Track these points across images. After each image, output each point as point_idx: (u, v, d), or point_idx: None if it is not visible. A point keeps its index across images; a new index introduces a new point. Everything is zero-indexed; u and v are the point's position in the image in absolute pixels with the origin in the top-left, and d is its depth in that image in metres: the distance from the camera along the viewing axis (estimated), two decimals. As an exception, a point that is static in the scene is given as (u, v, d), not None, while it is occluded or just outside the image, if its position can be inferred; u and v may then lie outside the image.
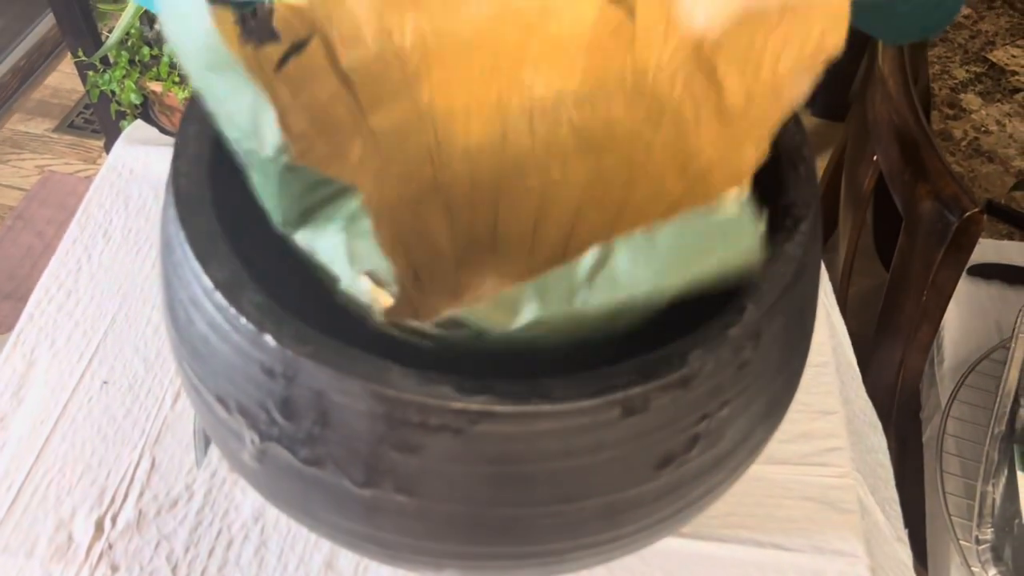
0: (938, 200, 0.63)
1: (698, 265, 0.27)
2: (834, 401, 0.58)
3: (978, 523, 0.60)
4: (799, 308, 0.36)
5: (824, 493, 0.54)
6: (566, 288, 0.28)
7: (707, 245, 0.27)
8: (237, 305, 0.31)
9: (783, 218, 0.35)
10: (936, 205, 0.63)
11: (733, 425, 0.34)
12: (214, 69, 0.29)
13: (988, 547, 0.59)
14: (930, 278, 0.67)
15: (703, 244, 0.27)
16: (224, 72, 0.29)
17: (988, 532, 0.59)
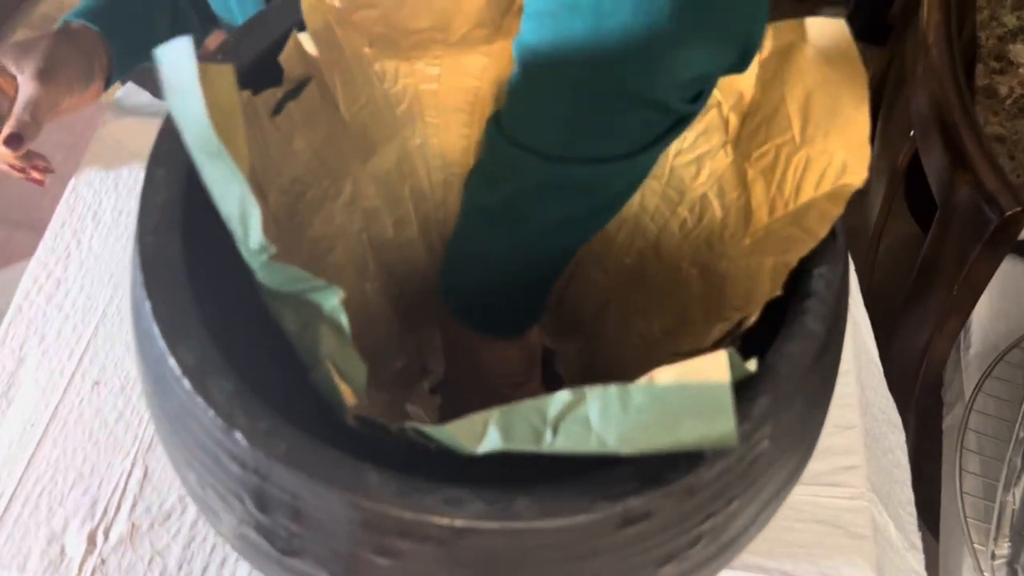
0: (977, 193, 0.59)
1: (668, 436, 0.25)
2: (853, 414, 0.56)
3: (995, 536, 0.58)
4: (821, 380, 0.33)
5: (837, 516, 0.52)
6: (532, 428, 0.26)
7: (680, 417, 0.25)
8: (205, 394, 0.28)
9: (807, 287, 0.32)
10: (975, 199, 0.59)
11: (741, 515, 0.31)
12: (207, 155, 0.27)
13: (1004, 563, 0.57)
14: (963, 273, 0.63)
15: (676, 415, 0.25)
16: (216, 161, 0.27)
17: (1005, 546, 0.58)
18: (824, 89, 0.33)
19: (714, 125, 0.39)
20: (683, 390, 0.26)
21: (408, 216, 0.46)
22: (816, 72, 0.33)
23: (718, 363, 0.27)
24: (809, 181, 0.34)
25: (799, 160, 0.34)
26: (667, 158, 0.42)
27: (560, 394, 0.27)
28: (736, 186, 0.38)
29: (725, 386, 0.25)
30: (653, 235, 0.44)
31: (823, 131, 0.33)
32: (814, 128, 0.33)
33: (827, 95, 0.32)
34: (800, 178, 0.34)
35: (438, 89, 0.43)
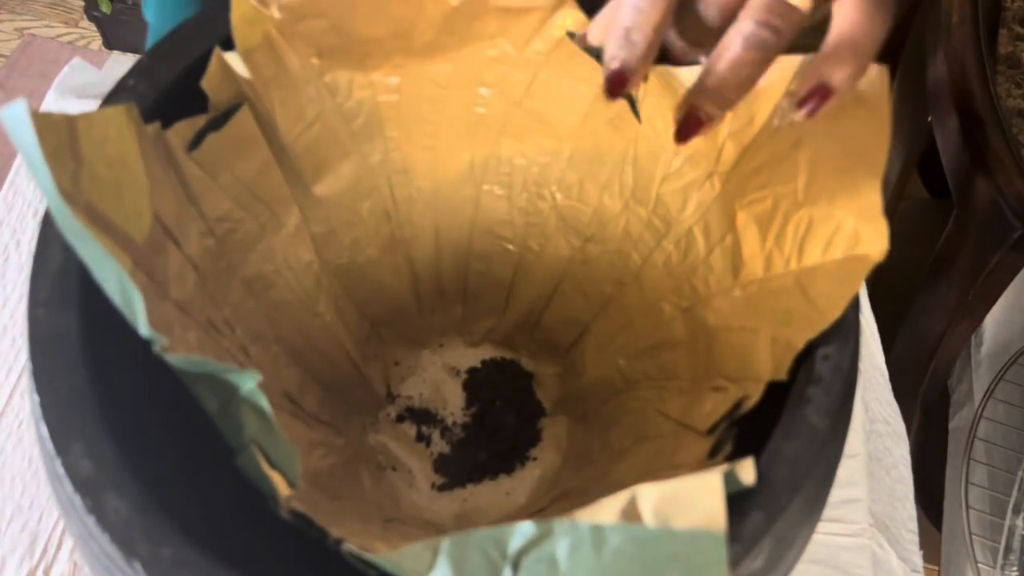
0: (1000, 198, 0.54)
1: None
2: (856, 441, 0.52)
3: (1003, 564, 0.54)
4: (823, 477, 0.29)
5: (834, 555, 0.48)
6: (489, 562, 0.22)
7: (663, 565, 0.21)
8: (100, 515, 0.24)
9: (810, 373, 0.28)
10: (997, 202, 0.54)
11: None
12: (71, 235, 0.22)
13: (1009, 590, 0.54)
14: (980, 278, 0.58)
15: (660, 565, 0.21)
16: (83, 242, 0.22)
17: (1013, 573, 0.54)
18: (841, 145, 0.27)
19: (703, 151, 0.34)
20: (670, 537, 0.22)
21: (367, 237, 0.42)
22: (839, 124, 0.28)
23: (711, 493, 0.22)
24: (814, 244, 0.29)
25: (800, 218, 0.29)
26: (653, 183, 0.37)
27: (523, 526, 0.23)
28: (723, 225, 0.34)
29: (719, 536, 0.21)
30: (636, 266, 0.40)
31: (828, 194, 0.28)
32: (819, 188, 0.28)
33: (842, 153, 0.27)
34: (803, 238, 0.29)
35: (399, 100, 0.38)
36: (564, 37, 0.36)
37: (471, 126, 0.39)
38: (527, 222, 0.43)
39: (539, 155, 0.40)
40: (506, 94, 0.38)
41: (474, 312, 0.48)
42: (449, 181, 0.41)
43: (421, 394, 0.48)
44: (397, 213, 0.42)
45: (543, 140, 0.39)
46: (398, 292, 0.46)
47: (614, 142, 0.37)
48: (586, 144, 0.38)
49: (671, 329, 0.37)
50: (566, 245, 0.43)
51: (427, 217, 0.43)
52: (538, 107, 0.38)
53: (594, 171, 0.39)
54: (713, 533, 0.21)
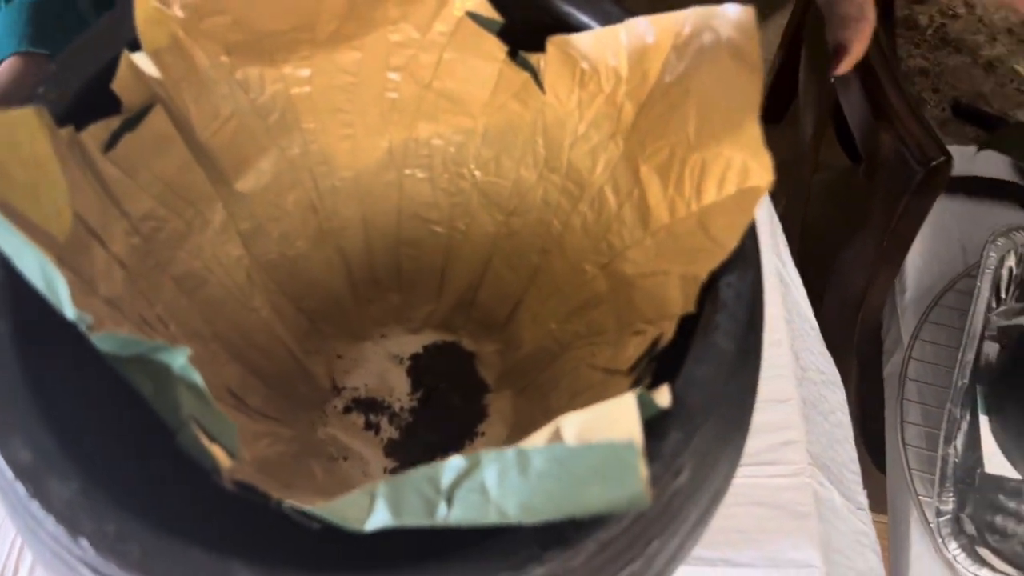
0: (901, 144, 0.56)
1: (573, 501, 0.23)
2: (788, 386, 0.54)
3: (939, 492, 0.57)
4: (738, 399, 0.30)
5: (777, 496, 0.50)
6: (424, 500, 0.23)
7: (586, 481, 0.23)
8: (43, 499, 0.25)
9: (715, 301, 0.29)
10: (898, 150, 0.57)
11: (662, 552, 0.29)
12: None
13: (949, 519, 0.57)
14: (892, 225, 0.61)
15: (581, 480, 0.23)
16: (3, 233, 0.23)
17: (950, 501, 0.57)
18: (722, 89, 0.29)
19: (604, 113, 0.36)
20: (588, 451, 0.23)
21: (294, 231, 0.43)
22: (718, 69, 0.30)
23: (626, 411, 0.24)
24: (709, 183, 0.31)
25: (695, 162, 0.31)
26: (563, 150, 0.39)
27: (453, 460, 0.24)
28: (629, 180, 0.35)
29: (632, 445, 0.23)
30: (558, 233, 0.41)
31: (716, 136, 0.30)
32: (708, 131, 0.30)
33: (723, 96, 0.29)
34: (699, 180, 0.31)
35: (311, 92, 0.39)
36: (464, 17, 0.37)
37: (385, 112, 0.40)
38: (451, 202, 0.44)
39: (454, 135, 0.41)
40: (415, 77, 0.39)
41: (411, 299, 0.49)
42: (370, 168, 0.43)
43: (366, 384, 0.49)
44: (323, 205, 0.43)
45: (456, 119, 0.41)
46: (332, 285, 0.47)
47: (522, 115, 0.39)
48: (497, 120, 0.40)
49: (594, 287, 0.39)
50: (491, 221, 0.44)
51: (353, 207, 0.44)
52: (448, 87, 0.39)
53: (508, 145, 0.41)
54: (627, 442, 0.23)
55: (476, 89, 0.39)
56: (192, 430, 0.27)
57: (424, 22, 0.37)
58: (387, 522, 0.24)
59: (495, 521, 0.24)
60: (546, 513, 0.23)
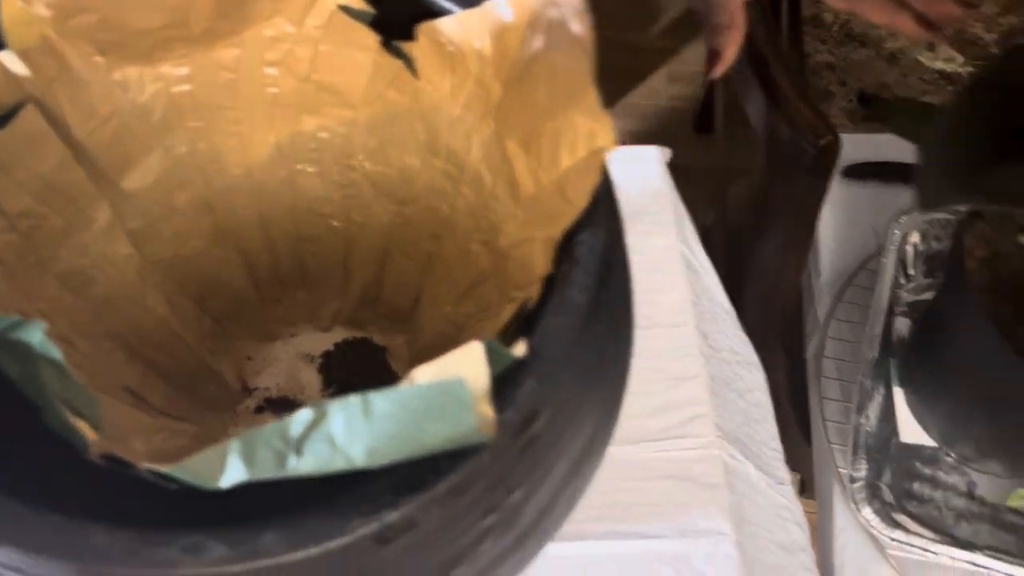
0: (793, 129, 0.59)
1: (415, 442, 0.24)
2: (695, 364, 0.55)
3: (852, 460, 0.59)
4: (596, 350, 0.32)
5: (687, 468, 0.51)
6: (275, 452, 0.24)
7: (424, 420, 0.24)
8: (-101, 476, 0.25)
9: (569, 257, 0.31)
10: (792, 135, 0.59)
11: (531, 502, 0.30)
12: None
13: (862, 484, 0.58)
14: (792, 206, 0.63)
15: (419, 419, 0.24)
16: None
17: (862, 468, 0.58)
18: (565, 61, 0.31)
19: (475, 95, 0.37)
20: (423, 391, 0.24)
21: (188, 230, 0.43)
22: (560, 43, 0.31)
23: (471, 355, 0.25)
24: (563, 150, 0.32)
25: (549, 132, 0.32)
26: (441, 134, 0.40)
27: (302, 412, 0.25)
28: (500, 157, 0.37)
29: (463, 381, 0.24)
30: (446, 217, 0.42)
31: (564, 105, 0.31)
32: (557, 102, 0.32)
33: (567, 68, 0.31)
34: (555, 148, 0.32)
35: (192, 90, 0.40)
36: (336, 10, 0.38)
37: (269, 107, 0.41)
38: (345, 195, 0.45)
39: (339, 126, 0.42)
40: (293, 71, 0.40)
41: (318, 296, 0.50)
42: (261, 165, 0.43)
43: (277, 384, 0.50)
44: (218, 204, 0.44)
45: (339, 111, 0.42)
46: (235, 285, 0.47)
47: (401, 103, 0.40)
48: (376, 109, 0.41)
49: (479, 265, 0.40)
50: (384, 212, 0.45)
51: (249, 205, 0.45)
52: (326, 80, 0.41)
53: (390, 133, 0.42)
54: (458, 379, 0.24)
55: (354, 80, 0.40)
56: (58, 409, 0.27)
57: (297, 16, 0.39)
58: (241, 477, 0.25)
59: (343, 468, 0.24)
60: (390, 455, 0.24)
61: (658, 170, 0.63)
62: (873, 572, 0.61)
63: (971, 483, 0.64)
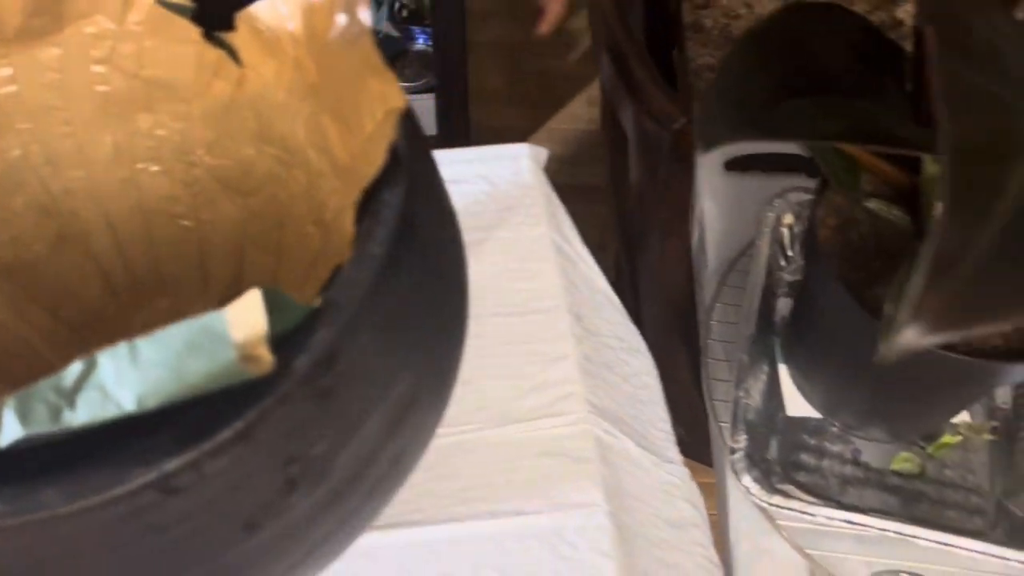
0: (649, 117, 0.61)
1: (180, 381, 0.24)
2: (566, 344, 0.56)
3: (732, 432, 0.60)
4: (397, 303, 0.32)
5: (560, 445, 0.52)
6: (50, 406, 0.24)
7: (184, 357, 0.24)
8: None
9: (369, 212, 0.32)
10: (649, 123, 0.61)
11: (342, 454, 0.30)
12: None
13: (742, 455, 0.59)
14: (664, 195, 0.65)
15: (182, 358, 0.24)
16: None
17: (742, 440, 0.60)
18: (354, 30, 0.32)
19: (295, 77, 0.38)
20: (183, 330, 0.25)
21: (27, 234, 0.43)
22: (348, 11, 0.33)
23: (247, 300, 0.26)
24: (366, 115, 0.33)
25: (352, 101, 0.34)
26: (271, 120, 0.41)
27: (74, 364, 0.25)
28: (320, 135, 0.38)
29: (218, 316, 0.24)
30: (286, 204, 0.43)
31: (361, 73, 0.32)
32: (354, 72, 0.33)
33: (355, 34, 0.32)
34: (359, 115, 0.34)
35: (19, 91, 0.40)
36: (156, 4, 0.39)
37: (101, 106, 0.42)
38: (191, 193, 0.46)
39: (174, 122, 0.43)
40: (120, 68, 0.41)
41: (179, 302, 0.50)
42: (100, 166, 0.44)
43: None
44: (58, 207, 0.44)
45: (173, 106, 0.42)
46: (90, 293, 0.47)
47: (226, 91, 0.41)
48: (208, 101, 0.42)
49: (314, 245, 0.41)
50: (232, 206, 0.46)
51: (93, 208, 0.45)
52: (155, 75, 0.41)
53: (223, 124, 0.43)
54: (218, 315, 0.24)
55: (181, 74, 0.41)
56: None
57: (116, 13, 0.39)
58: (17, 433, 0.25)
59: (116, 415, 0.25)
60: (159, 398, 0.25)
61: (529, 166, 0.64)
62: (766, 544, 0.62)
63: (855, 450, 0.65)
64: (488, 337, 0.56)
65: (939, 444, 0.65)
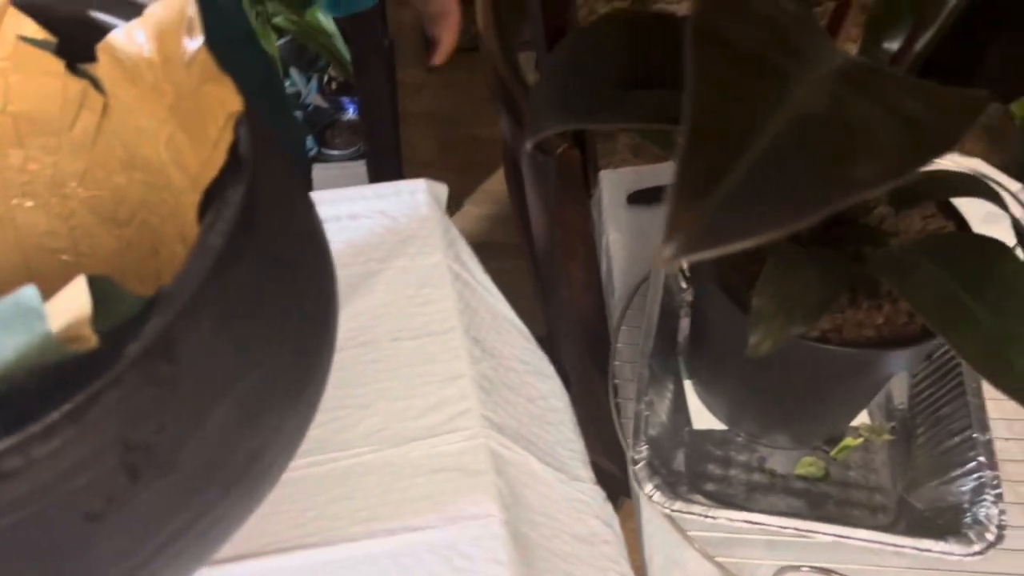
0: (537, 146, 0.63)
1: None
2: (462, 364, 0.57)
3: (634, 444, 0.61)
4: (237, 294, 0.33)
5: (456, 460, 0.53)
6: None
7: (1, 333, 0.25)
8: None
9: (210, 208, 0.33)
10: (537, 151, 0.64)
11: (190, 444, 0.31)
12: None
13: (644, 464, 0.60)
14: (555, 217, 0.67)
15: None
16: None
17: (643, 450, 0.61)
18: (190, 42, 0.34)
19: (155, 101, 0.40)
20: None
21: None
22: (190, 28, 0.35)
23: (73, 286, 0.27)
24: (210, 120, 0.35)
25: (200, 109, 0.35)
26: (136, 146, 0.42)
27: None
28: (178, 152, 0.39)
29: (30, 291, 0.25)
30: (159, 229, 0.44)
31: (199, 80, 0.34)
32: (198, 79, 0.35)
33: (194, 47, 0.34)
34: (205, 125, 0.35)
35: None
36: (18, 40, 0.41)
37: (-30, 142, 0.43)
38: (68, 226, 0.47)
39: (46, 155, 0.44)
40: None
41: None
42: (-25, 203, 0.45)
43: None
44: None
45: (42, 140, 0.44)
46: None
47: (93, 122, 0.42)
48: (76, 133, 0.43)
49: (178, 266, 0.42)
50: (110, 237, 0.47)
51: None
52: (23, 109, 0.42)
53: (92, 154, 0.44)
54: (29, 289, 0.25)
55: (48, 106, 0.42)
56: None
57: (-20, 50, 0.41)
58: None
59: None
60: None
61: (426, 200, 0.66)
62: (678, 556, 0.62)
63: (761, 458, 0.67)
64: (385, 361, 0.57)
65: (841, 447, 0.67)
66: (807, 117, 0.25)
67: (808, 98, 0.27)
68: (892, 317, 0.54)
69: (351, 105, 1.86)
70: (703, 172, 0.23)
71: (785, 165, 0.24)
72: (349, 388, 0.56)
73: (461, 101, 2.26)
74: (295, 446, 0.38)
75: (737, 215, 0.23)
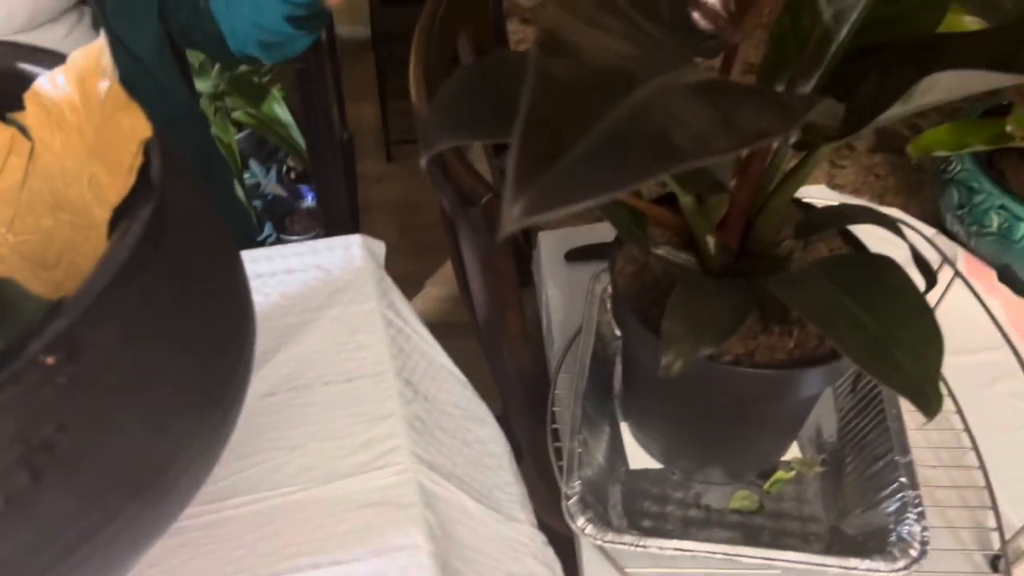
0: (461, 196, 0.66)
1: None
2: (393, 403, 0.59)
3: (567, 480, 0.62)
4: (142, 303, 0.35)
5: (384, 495, 0.53)
6: None
7: None
8: None
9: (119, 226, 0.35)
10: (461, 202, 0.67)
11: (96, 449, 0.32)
12: None
13: (576, 499, 0.61)
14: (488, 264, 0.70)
15: None
16: None
17: (575, 486, 0.62)
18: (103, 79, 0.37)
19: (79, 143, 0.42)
20: None
21: None
22: None
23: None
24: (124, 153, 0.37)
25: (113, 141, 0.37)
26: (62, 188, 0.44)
27: None
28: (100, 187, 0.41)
29: None
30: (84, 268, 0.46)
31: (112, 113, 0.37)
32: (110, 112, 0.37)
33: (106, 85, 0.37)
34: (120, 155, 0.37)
35: None
36: None
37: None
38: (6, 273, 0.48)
39: (-26, 203, 0.46)
40: None
41: None
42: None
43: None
44: None
45: (-29, 187, 0.46)
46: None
47: (21, 167, 0.45)
48: (4, 178, 0.45)
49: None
50: (39, 282, 0.48)
51: None
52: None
53: (23, 200, 0.46)
54: None
55: (-24, 154, 0.45)
56: None
57: (-88, 102, 0.43)
58: None
59: None
60: None
61: (360, 253, 0.69)
62: (618, 594, 0.63)
63: (697, 494, 0.68)
64: (316, 405, 0.58)
65: (774, 480, 0.68)
66: (645, 106, 0.29)
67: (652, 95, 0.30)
68: (802, 341, 0.57)
69: (309, 193, 1.91)
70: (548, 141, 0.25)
71: (623, 140, 0.27)
72: (281, 431, 0.56)
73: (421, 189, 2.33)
74: (209, 461, 0.39)
75: (576, 179, 0.25)
